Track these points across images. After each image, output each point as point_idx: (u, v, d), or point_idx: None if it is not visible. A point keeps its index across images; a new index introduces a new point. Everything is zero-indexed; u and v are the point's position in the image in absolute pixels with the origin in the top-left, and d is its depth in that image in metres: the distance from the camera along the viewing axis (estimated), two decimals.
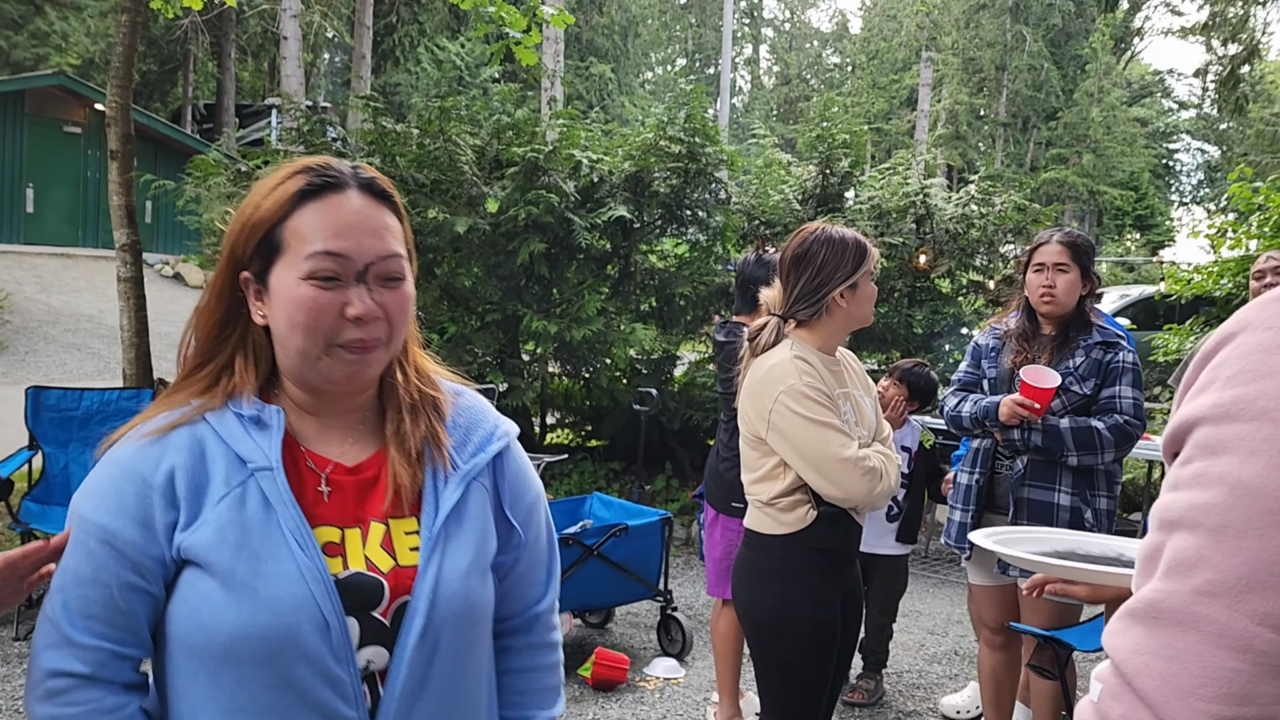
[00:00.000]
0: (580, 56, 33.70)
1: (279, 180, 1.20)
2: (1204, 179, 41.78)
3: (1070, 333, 3.12)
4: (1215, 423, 0.68)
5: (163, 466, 1.15)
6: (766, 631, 2.53)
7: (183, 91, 28.29)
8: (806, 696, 2.53)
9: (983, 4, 32.32)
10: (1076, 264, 3.09)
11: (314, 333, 1.15)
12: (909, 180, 7.22)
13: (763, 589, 2.53)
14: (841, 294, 2.52)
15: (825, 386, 2.45)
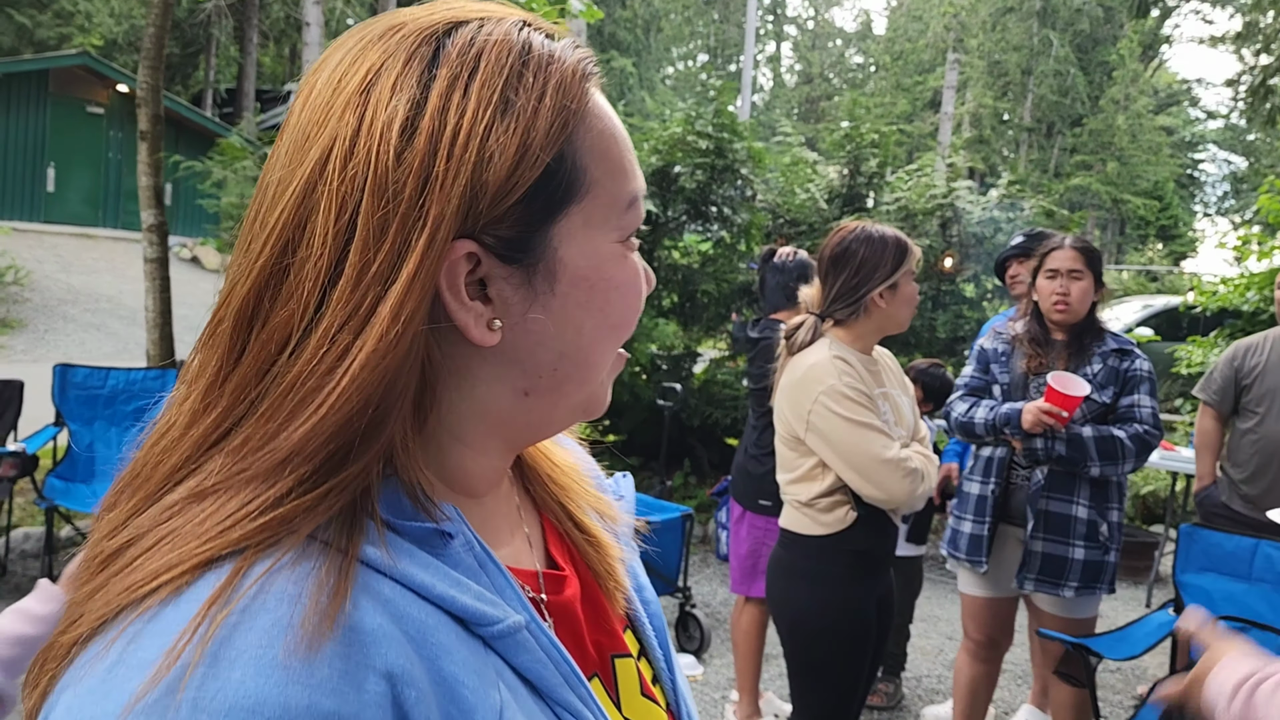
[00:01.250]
0: (601, 49, 33.66)
1: (537, 65, 0.60)
2: (1229, 190, 41.45)
3: (1085, 339, 3.09)
4: None
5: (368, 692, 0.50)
6: (803, 633, 2.52)
7: (204, 75, 28.39)
8: (840, 698, 2.52)
9: (1010, 7, 32.12)
10: (1090, 270, 3.06)
11: (625, 330, 0.69)
12: (936, 183, 7.18)
13: (800, 590, 2.52)
14: (881, 294, 2.49)
15: (865, 386, 2.44)
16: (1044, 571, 3.02)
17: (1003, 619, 3.30)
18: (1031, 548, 3.03)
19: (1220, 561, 2.99)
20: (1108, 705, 4.23)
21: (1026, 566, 3.05)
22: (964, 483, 3.26)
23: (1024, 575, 3.05)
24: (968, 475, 3.25)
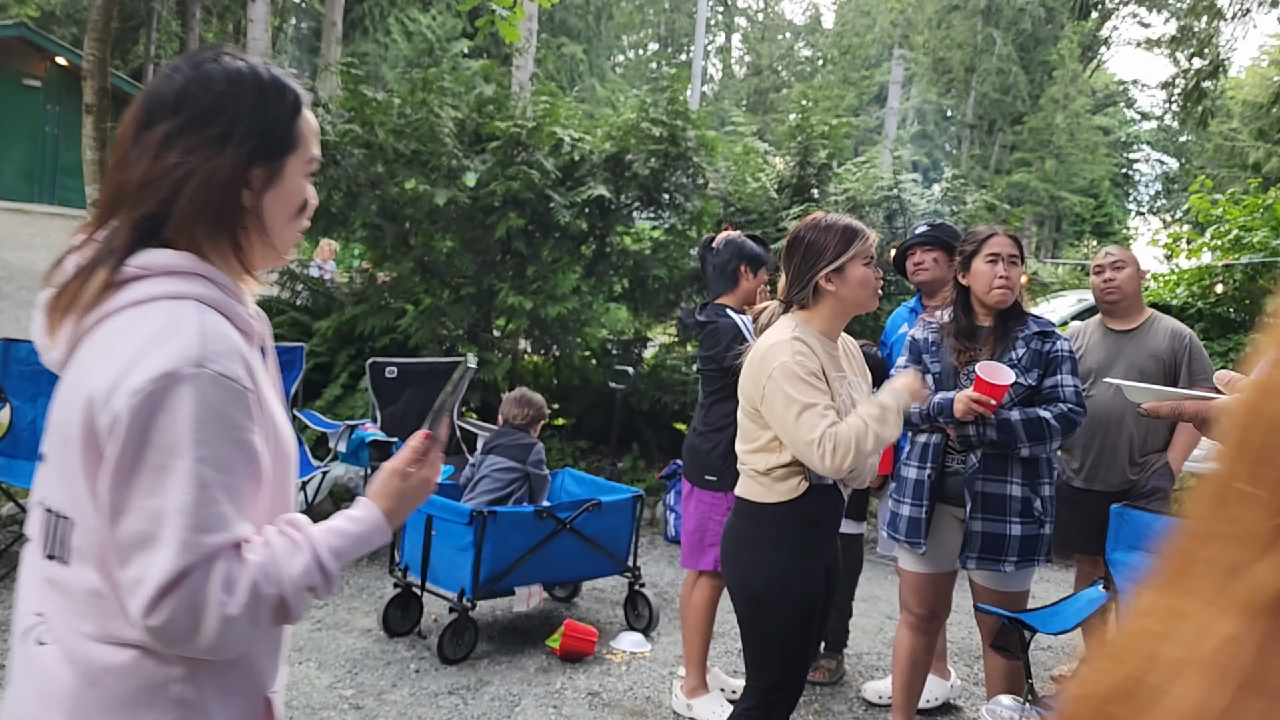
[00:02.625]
0: (553, 34, 33.51)
1: None
2: (1161, 190, 42.56)
3: (1009, 324, 3.22)
4: None
5: None
6: (754, 599, 2.63)
7: (144, 49, 27.74)
8: (791, 664, 2.63)
9: (955, 4, 32.58)
10: (1021, 257, 3.23)
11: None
12: (882, 175, 7.32)
13: (752, 557, 2.64)
14: (828, 278, 2.61)
15: (818, 367, 2.53)
16: (985, 550, 3.15)
17: (942, 592, 3.42)
18: (971, 528, 3.16)
19: (1149, 540, 3.13)
20: (1039, 681, 4.40)
21: (968, 546, 3.17)
22: (901, 468, 3.38)
23: (966, 555, 3.18)
24: (905, 461, 3.37)
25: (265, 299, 6.73)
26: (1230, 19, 11.82)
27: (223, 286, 1.26)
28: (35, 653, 1.25)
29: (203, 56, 1.29)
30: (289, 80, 1.33)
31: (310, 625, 4.28)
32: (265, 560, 1.19)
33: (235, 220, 1.27)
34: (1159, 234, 10.91)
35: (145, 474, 1.14)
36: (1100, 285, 4.21)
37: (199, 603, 1.13)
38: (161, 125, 1.23)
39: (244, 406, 1.21)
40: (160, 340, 1.17)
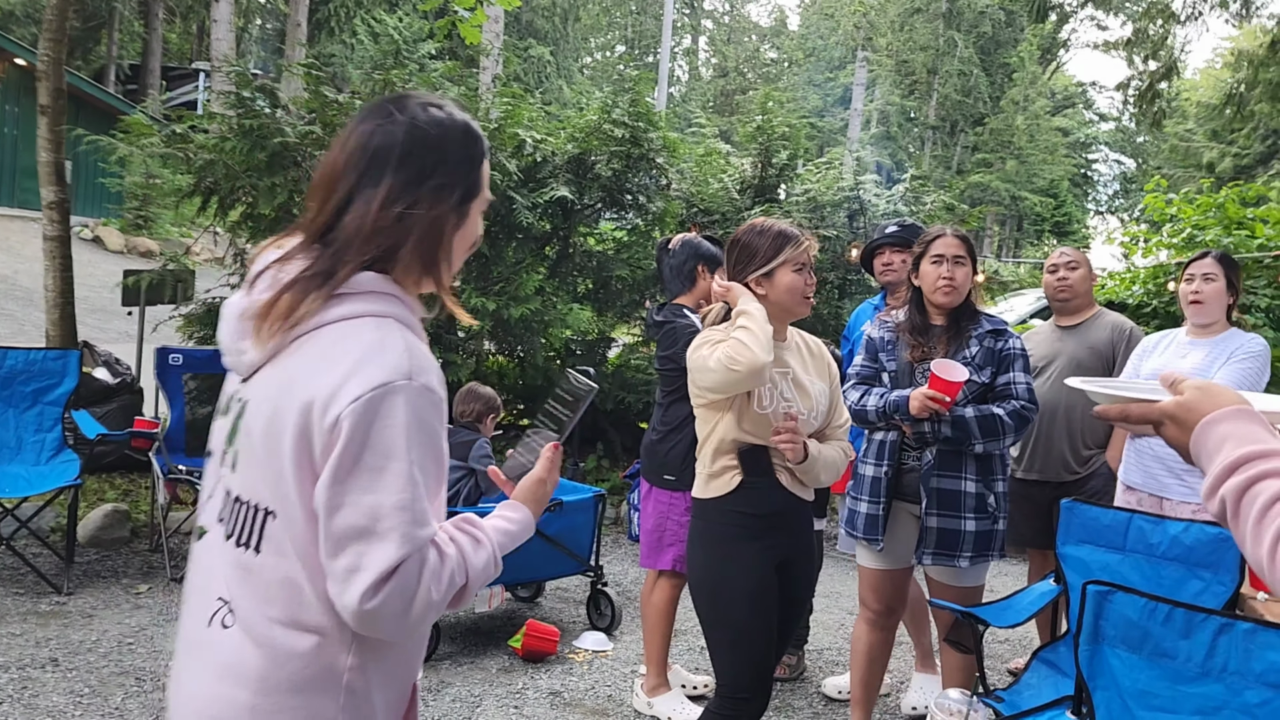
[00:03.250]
0: (520, 37, 33.45)
1: None
2: (1120, 189, 43.20)
3: (962, 323, 3.28)
4: None
5: None
6: (704, 591, 2.70)
7: (107, 50, 27.39)
8: (752, 661, 2.66)
9: (917, 8, 32.91)
10: (969, 257, 3.27)
11: None
12: (844, 175, 7.39)
13: (702, 553, 2.71)
14: (757, 280, 2.70)
15: None
16: (940, 545, 3.20)
17: (899, 588, 3.47)
18: (927, 524, 3.21)
19: (1097, 534, 3.19)
20: (995, 674, 4.46)
21: (924, 542, 3.22)
22: (859, 465, 3.42)
23: (922, 550, 3.23)
24: (862, 458, 3.41)
25: (222, 301, 6.68)
26: (1183, 22, 12.02)
27: (409, 306, 1.42)
28: (220, 635, 1.38)
29: (414, 106, 1.43)
30: (478, 128, 1.49)
31: None
32: (458, 553, 1.35)
33: (436, 261, 1.43)
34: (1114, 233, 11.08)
35: (363, 473, 1.27)
36: (1053, 284, 4.30)
37: (411, 589, 1.27)
38: (386, 179, 1.38)
39: (440, 415, 1.35)
40: (375, 354, 1.30)
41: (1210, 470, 1.13)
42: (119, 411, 5.88)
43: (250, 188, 6.12)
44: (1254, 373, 3.63)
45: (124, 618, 4.26)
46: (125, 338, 7.67)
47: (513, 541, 1.48)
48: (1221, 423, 1.15)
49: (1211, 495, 1.12)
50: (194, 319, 6.55)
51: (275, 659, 1.34)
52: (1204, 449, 1.17)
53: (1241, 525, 1.07)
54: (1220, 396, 1.20)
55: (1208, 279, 3.77)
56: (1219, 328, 3.79)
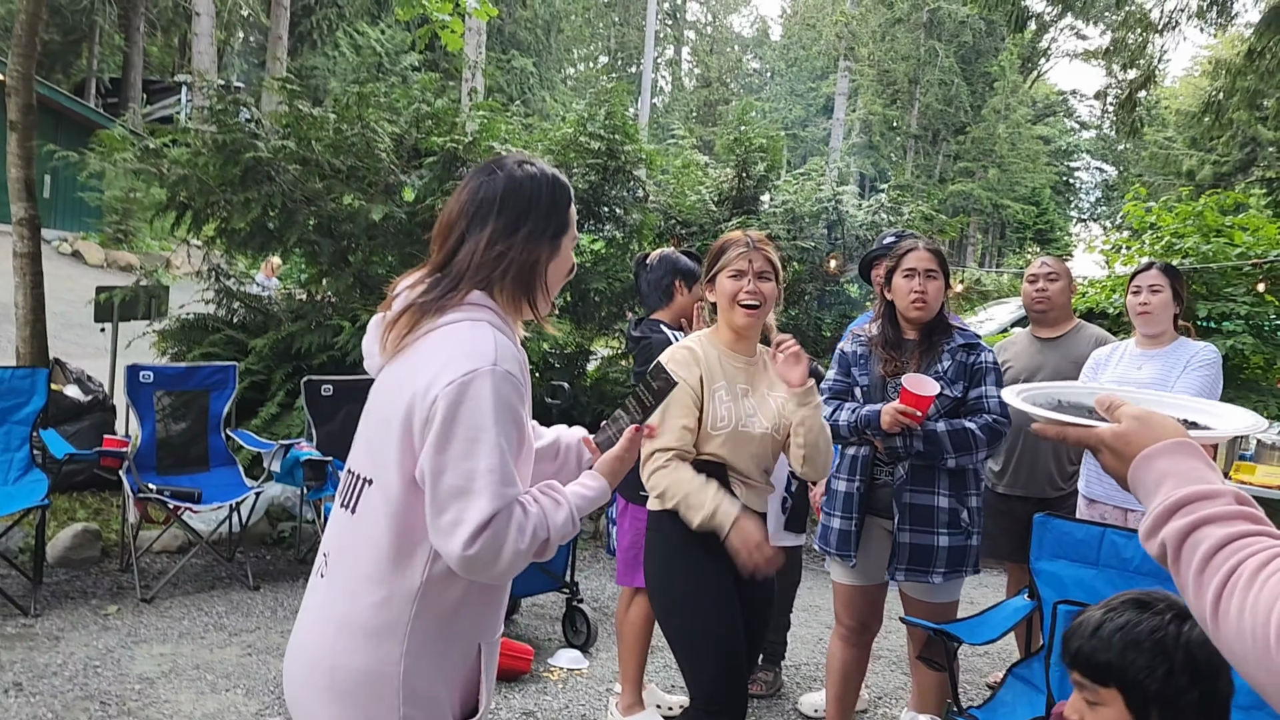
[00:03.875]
0: (502, 49, 33.48)
1: None
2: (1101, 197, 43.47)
3: (934, 337, 3.25)
4: None
5: None
6: (666, 604, 2.71)
7: (87, 64, 27.27)
8: (720, 672, 2.63)
9: (899, 18, 33.09)
10: (942, 271, 3.24)
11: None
12: (822, 186, 7.39)
13: (659, 564, 2.73)
14: (708, 287, 2.80)
15: (698, 375, 2.68)
16: (913, 561, 3.17)
17: (873, 604, 3.44)
18: (899, 539, 3.18)
19: (1071, 549, 3.17)
20: (974, 687, 4.44)
21: (896, 558, 3.19)
22: (831, 481, 3.39)
23: (895, 567, 3.20)
24: (835, 474, 3.38)
25: (200, 317, 6.62)
26: (1160, 31, 12.08)
27: (502, 316, 1.71)
28: (319, 583, 1.72)
29: (510, 164, 1.77)
30: (564, 179, 1.81)
31: (240, 650, 4.21)
32: (540, 510, 1.61)
33: (531, 285, 1.74)
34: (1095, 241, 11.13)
35: (458, 443, 1.54)
36: (1032, 294, 4.29)
37: (502, 539, 1.53)
38: (490, 224, 1.70)
39: (520, 396, 1.62)
40: (465, 346, 1.60)
41: (1149, 510, 1.09)
42: (90, 429, 5.81)
43: (225, 202, 6.08)
44: (1210, 380, 3.67)
45: (91, 639, 4.20)
46: (102, 353, 7.61)
47: (590, 505, 1.73)
48: (1159, 458, 1.12)
49: (1151, 538, 1.08)
50: (168, 335, 6.50)
51: (353, 605, 1.63)
52: (1142, 485, 1.13)
53: (1183, 573, 1.03)
54: (1159, 428, 1.16)
55: (1154, 290, 3.80)
56: (1167, 338, 3.82)
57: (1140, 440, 1.14)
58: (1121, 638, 1.63)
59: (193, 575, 5.09)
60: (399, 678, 1.62)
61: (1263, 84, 12.34)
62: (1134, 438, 1.16)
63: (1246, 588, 0.95)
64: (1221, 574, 0.98)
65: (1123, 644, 1.62)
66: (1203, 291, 7.99)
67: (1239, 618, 0.95)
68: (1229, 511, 1.03)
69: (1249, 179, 25.60)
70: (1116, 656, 1.62)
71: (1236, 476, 5.08)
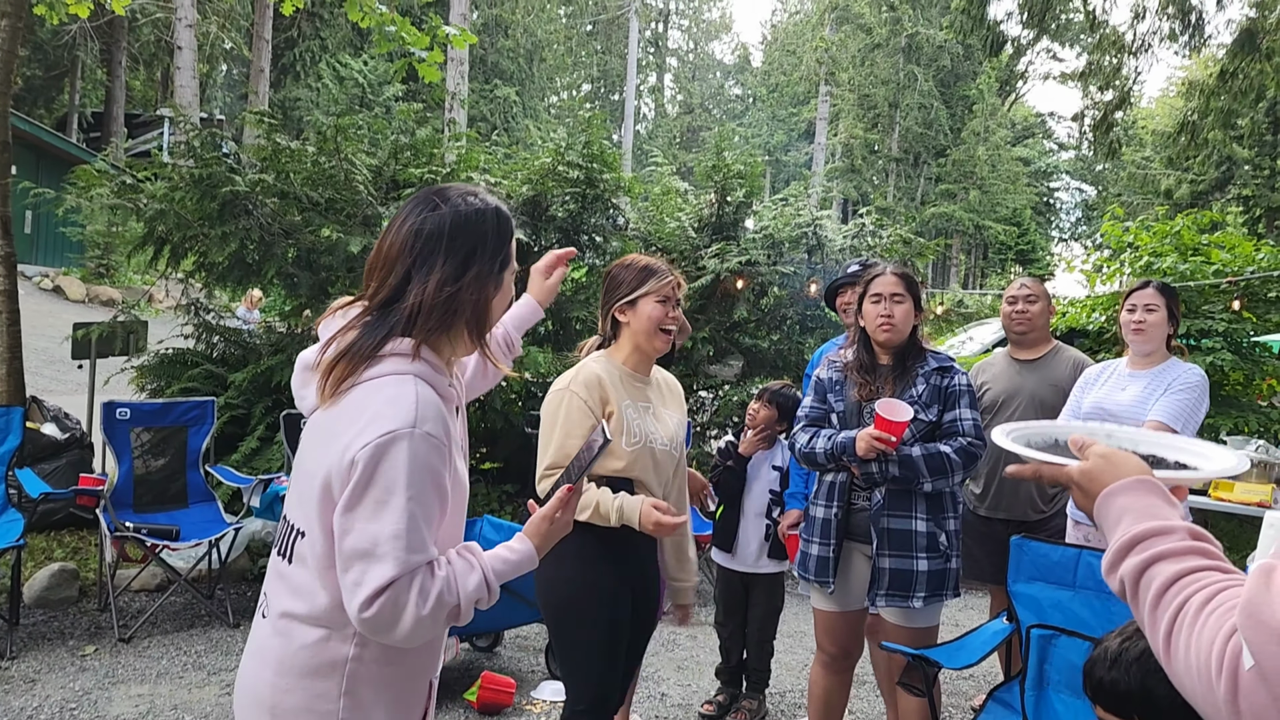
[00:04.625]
0: (485, 79, 33.65)
1: None
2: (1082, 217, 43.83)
3: (908, 361, 3.26)
4: None
5: None
6: (556, 609, 2.77)
7: (69, 99, 27.30)
8: (595, 674, 2.71)
9: (877, 43, 33.41)
10: (910, 294, 3.25)
11: None
12: (801, 211, 7.42)
13: (554, 570, 2.73)
14: (620, 309, 2.81)
15: (602, 396, 2.71)
16: (893, 586, 3.17)
17: (854, 630, 3.43)
18: (879, 565, 3.18)
19: (1048, 571, 3.17)
20: (959, 711, 4.42)
21: (876, 583, 3.18)
22: (810, 507, 3.39)
23: (875, 592, 3.19)
24: (813, 500, 3.38)
25: (180, 351, 6.59)
26: (1134, 53, 12.24)
27: (435, 366, 1.67)
28: (260, 622, 1.73)
29: (455, 196, 1.72)
30: (506, 208, 1.78)
31: (219, 690, 4.16)
32: (449, 576, 1.58)
33: (480, 322, 1.72)
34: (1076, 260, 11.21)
35: (367, 505, 1.53)
36: (1012, 315, 4.30)
37: (402, 604, 1.51)
38: (439, 264, 1.65)
39: (442, 458, 1.59)
40: (388, 407, 1.56)
41: (1110, 545, 1.12)
42: (68, 467, 5.76)
43: (203, 236, 6.07)
44: (1190, 404, 3.64)
45: (68, 681, 4.15)
46: (82, 389, 7.57)
47: (513, 570, 1.68)
48: (1120, 495, 1.15)
49: (1111, 573, 1.11)
50: (147, 370, 6.47)
51: (290, 646, 1.64)
52: (1105, 521, 1.16)
53: (1140, 608, 1.05)
54: (1122, 466, 1.19)
55: (1149, 309, 3.79)
56: (1159, 357, 3.81)
57: (1104, 478, 1.18)
58: (1140, 666, 1.62)
59: (172, 614, 5.04)
60: (337, 715, 1.64)
61: (1236, 104, 12.51)
62: (1098, 475, 1.19)
63: (1192, 624, 0.97)
64: (1171, 610, 1.00)
65: (1142, 673, 1.61)
66: (1181, 309, 8.02)
67: (1186, 654, 0.96)
68: (1181, 548, 1.05)
69: (1226, 197, 25.89)
70: (1138, 686, 1.61)
71: (1216, 494, 5.09)
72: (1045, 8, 12.18)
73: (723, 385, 7.56)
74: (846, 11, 33.21)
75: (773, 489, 4.24)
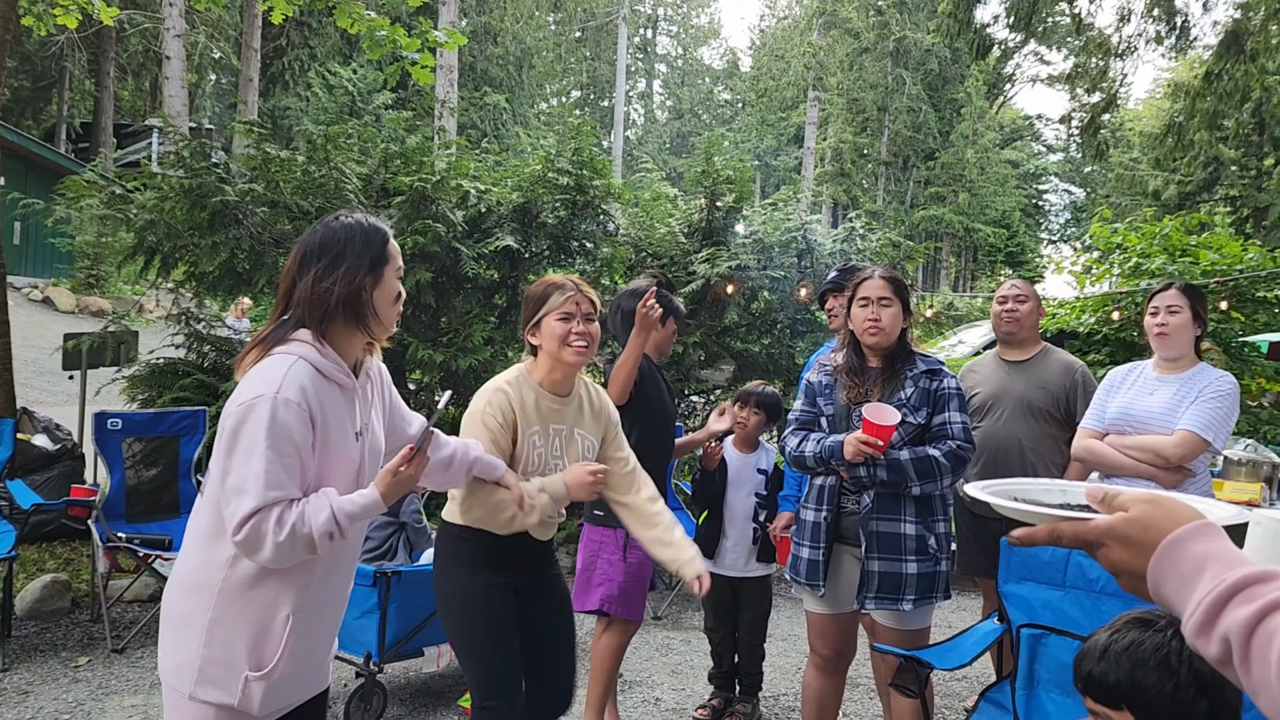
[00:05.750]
0: (475, 86, 33.65)
1: None
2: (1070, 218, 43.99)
3: (897, 365, 3.27)
4: None
5: None
6: (446, 611, 2.85)
7: (58, 109, 27.24)
8: (491, 669, 2.76)
9: (865, 47, 33.51)
10: (898, 298, 3.26)
11: None
12: (791, 216, 7.45)
13: (444, 573, 2.87)
14: (531, 332, 2.85)
15: (512, 415, 2.76)
16: (882, 589, 3.18)
17: (847, 632, 3.44)
18: (868, 568, 3.19)
19: (1038, 571, 3.18)
20: (953, 712, 4.44)
21: (865, 586, 3.20)
22: (800, 510, 3.41)
23: (864, 595, 3.20)
24: (803, 504, 3.40)
25: (171, 361, 6.59)
26: (1120, 55, 12.29)
27: (324, 354, 2.06)
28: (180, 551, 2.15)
29: (329, 219, 2.14)
30: (380, 222, 2.18)
31: None
32: (303, 510, 1.96)
33: (360, 311, 2.10)
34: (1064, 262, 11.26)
35: (239, 453, 1.94)
36: (1001, 315, 4.31)
37: (263, 530, 1.92)
38: (314, 266, 2.08)
39: (302, 420, 1.97)
40: (259, 375, 1.98)
41: (1192, 600, 0.93)
42: (59, 479, 5.75)
43: (193, 246, 6.07)
44: (1222, 413, 3.52)
45: (61, 693, 4.14)
46: (73, 400, 7.56)
47: (362, 511, 2.05)
48: (1191, 541, 0.97)
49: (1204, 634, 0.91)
50: (138, 380, 6.46)
51: (185, 564, 2.08)
52: (1173, 573, 0.97)
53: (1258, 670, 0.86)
54: (1178, 510, 1.02)
55: (1172, 311, 3.66)
56: (1187, 362, 3.68)
57: (1161, 525, 1.00)
58: (1128, 658, 1.64)
59: None
60: (204, 626, 2.02)
61: (1222, 105, 12.57)
62: (1153, 523, 1.01)
63: None
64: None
65: (1130, 664, 1.63)
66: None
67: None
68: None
69: (1213, 197, 26.02)
70: (1126, 677, 1.63)
71: None
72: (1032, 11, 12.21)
73: (714, 390, 7.58)
74: (834, 16, 33.30)
75: (759, 492, 4.26)
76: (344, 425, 2.10)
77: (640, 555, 3.75)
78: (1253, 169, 25.35)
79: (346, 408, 2.12)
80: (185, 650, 2.04)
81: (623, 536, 3.68)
